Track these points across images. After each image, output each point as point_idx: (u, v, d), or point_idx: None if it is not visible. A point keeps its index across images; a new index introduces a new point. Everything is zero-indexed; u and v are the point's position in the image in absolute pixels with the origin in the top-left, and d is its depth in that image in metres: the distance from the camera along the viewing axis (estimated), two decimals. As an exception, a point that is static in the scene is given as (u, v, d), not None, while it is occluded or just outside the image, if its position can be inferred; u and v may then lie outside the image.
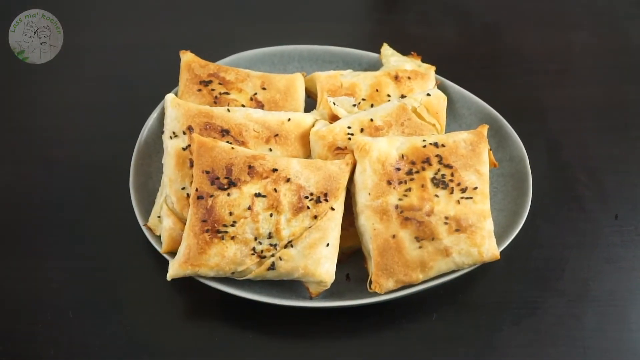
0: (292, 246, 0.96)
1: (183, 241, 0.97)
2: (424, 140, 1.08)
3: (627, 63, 1.53)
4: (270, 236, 0.96)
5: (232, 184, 0.96)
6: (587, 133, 1.36)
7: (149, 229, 1.08)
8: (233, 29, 1.59)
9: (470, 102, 1.28)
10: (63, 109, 1.40)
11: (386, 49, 1.33)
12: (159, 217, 1.08)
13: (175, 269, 0.97)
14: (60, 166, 1.27)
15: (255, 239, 0.96)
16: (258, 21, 1.63)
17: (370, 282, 1.02)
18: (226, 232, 0.95)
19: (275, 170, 0.98)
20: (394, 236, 1.01)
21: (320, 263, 0.98)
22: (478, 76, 1.50)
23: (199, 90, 1.19)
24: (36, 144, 1.33)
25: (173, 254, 1.04)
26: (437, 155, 1.05)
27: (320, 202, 0.98)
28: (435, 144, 1.07)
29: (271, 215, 0.96)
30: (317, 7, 1.67)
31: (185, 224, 1.04)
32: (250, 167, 0.97)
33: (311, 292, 1.00)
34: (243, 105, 1.17)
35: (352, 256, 1.10)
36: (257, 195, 0.96)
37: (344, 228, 1.06)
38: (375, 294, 1.01)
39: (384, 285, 1.00)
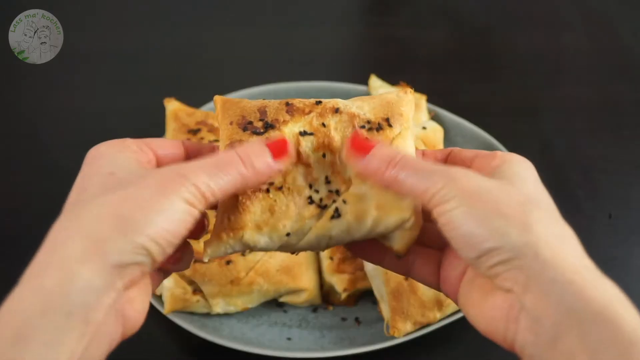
0: (357, 185, 0.71)
1: (218, 211, 0.70)
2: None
3: (620, 63, 1.55)
4: (328, 181, 0.70)
5: (269, 126, 0.71)
6: (580, 133, 1.38)
7: None
8: (233, 29, 1.60)
9: (464, 130, 1.25)
10: (63, 114, 1.40)
11: (374, 81, 1.30)
12: None
13: (214, 244, 0.68)
14: (60, 172, 1.25)
15: (310, 186, 0.70)
16: (250, 24, 1.63)
17: (387, 327, 0.99)
18: (272, 183, 0.69)
19: (319, 102, 0.73)
20: (407, 278, 0.98)
21: (397, 199, 0.69)
22: (470, 78, 1.52)
23: (188, 139, 1.16)
24: (36, 150, 1.32)
25: (176, 313, 1.01)
26: None
27: (383, 128, 0.72)
28: None
29: (324, 156, 0.70)
30: (308, 11, 1.67)
31: (186, 281, 1.01)
32: (287, 104, 0.73)
33: (397, 250, 0.69)
34: None
35: (360, 298, 1.08)
36: (303, 133, 0.71)
37: (350, 272, 1.05)
38: (392, 338, 0.98)
39: (401, 329, 0.97)
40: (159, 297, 1.03)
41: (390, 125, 0.71)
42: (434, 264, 0.70)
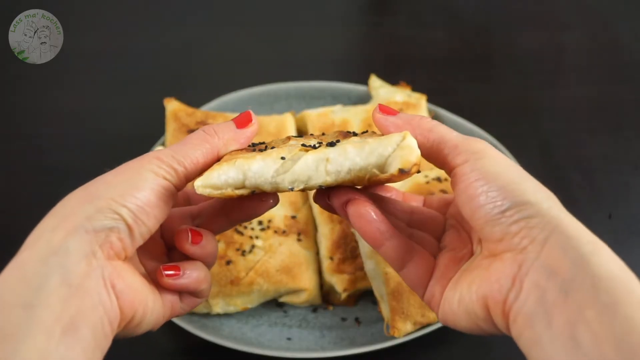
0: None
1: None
2: (425, 176, 1.07)
3: (619, 62, 1.55)
4: (319, 143, 0.69)
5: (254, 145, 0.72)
6: (579, 133, 1.38)
7: None
8: (233, 29, 1.60)
9: (464, 130, 1.25)
10: (63, 114, 1.40)
11: (374, 81, 1.30)
12: None
13: (206, 173, 0.64)
14: (58, 174, 1.26)
15: (302, 145, 0.68)
16: (251, 25, 1.63)
17: (387, 327, 0.99)
18: (264, 145, 0.71)
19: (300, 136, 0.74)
20: None
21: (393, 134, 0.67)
22: (470, 78, 1.52)
23: None
24: (33, 151, 1.32)
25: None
26: (441, 190, 1.05)
27: (367, 131, 0.72)
28: (438, 179, 1.07)
29: (314, 146, 0.67)
30: (309, 11, 1.67)
31: None
32: (283, 158, 0.67)
33: (400, 167, 0.64)
34: None
35: (360, 298, 1.08)
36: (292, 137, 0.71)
37: (350, 272, 1.06)
38: (392, 338, 0.98)
39: (402, 329, 0.97)
40: None
41: (374, 132, 0.72)
42: (429, 266, 0.71)
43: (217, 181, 0.63)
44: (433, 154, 0.67)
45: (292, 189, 0.65)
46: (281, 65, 1.51)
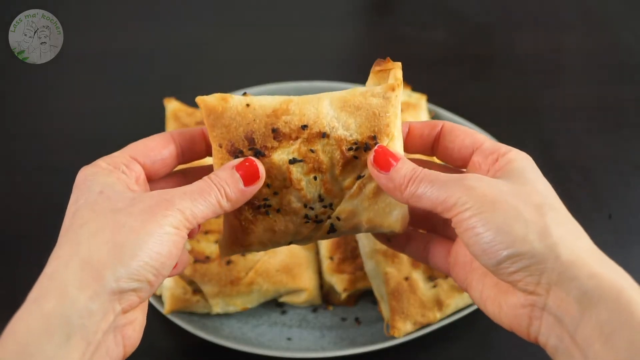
0: (348, 201, 0.76)
1: (224, 223, 0.77)
2: None
3: (619, 63, 1.55)
4: (321, 199, 0.75)
5: (258, 153, 0.74)
6: (580, 133, 1.38)
7: None
8: (233, 29, 1.60)
9: None
10: (63, 114, 1.40)
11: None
12: None
13: (226, 250, 0.77)
14: (58, 174, 1.25)
15: (305, 205, 0.76)
16: (250, 24, 1.63)
17: (387, 327, 1.00)
18: (269, 205, 0.75)
19: (304, 127, 0.74)
20: (406, 278, 0.99)
21: (386, 212, 0.76)
22: (470, 78, 1.52)
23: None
24: (36, 150, 1.32)
25: (176, 313, 1.02)
26: None
27: (370, 149, 0.74)
28: None
29: (315, 178, 0.74)
30: (309, 11, 1.67)
31: (186, 282, 1.01)
32: (274, 130, 0.74)
33: (388, 234, 0.79)
34: None
35: (359, 298, 1.08)
36: (292, 161, 0.74)
37: (350, 272, 1.06)
38: (392, 338, 0.99)
39: (402, 329, 0.97)
40: (159, 297, 1.03)
41: (376, 144, 0.73)
42: (445, 251, 0.76)
43: (234, 254, 0.81)
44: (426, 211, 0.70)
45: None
46: (281, 65, 1.51)
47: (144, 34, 1.59)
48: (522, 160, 0.69)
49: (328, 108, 0.75)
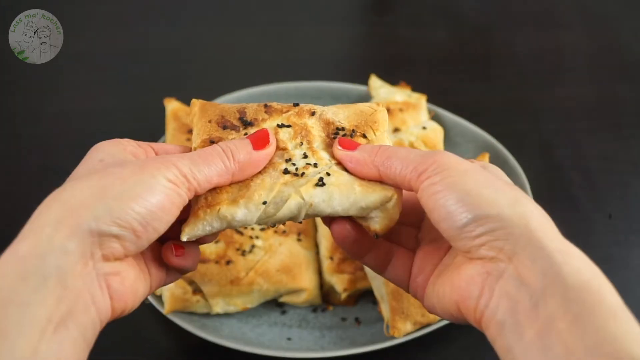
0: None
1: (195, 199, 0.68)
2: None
3: (618, 62, 1.55)
4: (305, 156, 0.70)
5: (248, 124, 0.72)
6: (579, 133, 1.38)
7: None
8: (233, 29, 1.60)
9: (465, 130, 1.25)
10: (63, 114, 1.40)
11: (374, 81, 1.29)
12: None
13: (191, 223, 0.66)
14: (58, 174, 1.25)
15: (288, 160, 0.70)
16: (250, 24, 1.63)
17: (387, 327, 0.99)
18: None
19: (296, 104, 0.75)
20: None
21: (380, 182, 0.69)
22: (470, 78, 1.52)
23: (188, 139, 1.15)
24: (36, 150, 1.32)
25: (176, 313, 1.01)
26: None
27: (355, 137, 0.73)
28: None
29: (301, 143, 0.71)
30: (309, 11, 1.67)
31: (186, 282, 1.01)
32: (266, 105, 0.74)
33: (377, 230, 0.68)
34: None
35: (360, 298, 1.08)
36: (280, 125, 0.72)
37: (350, 272, 1.05)
38: (392, 338, 0.98)
39: (402, 329, 0.97)
40: (159, 297, 1.03)
41: (363, 136, 0.73)
42: (407, 263, 0.72)
43: (202, 232, 0.66)
44: (397, 180, 0.66)
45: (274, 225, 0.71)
46: (281, 65, 1.51)
47: (144, 34, 1.59)
48: (496, 168, 0.68)
49: (320, 106, 0.77)
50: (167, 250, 0.67)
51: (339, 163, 0.70)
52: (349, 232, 0.69)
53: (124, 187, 0.58)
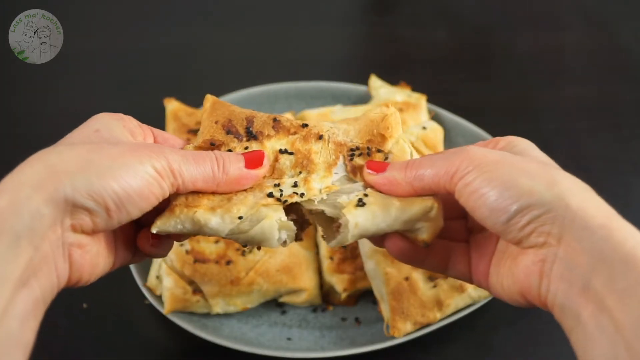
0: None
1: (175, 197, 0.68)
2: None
3: (619, 62, 1.55)
4: (295, 185, 0.71)
5: (252, 136, 0.72)
6: (580, 133, 1.38)
7: (149, 289, 1.02)
8: (233, 29, 1.60)
9: (464, 130, 1.25)
10: (61, 115, 1.39)
11: (374, 81, 1.29)
12: (157, 276, 1.02)
13: (165, 217, 0.66)
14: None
15: (276, 185, 0.70)
16: (251, 25, 1.63)
17: (387, 327, 0.99)
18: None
19: (305, 125, 0.74)
20: (407, 278, 0.99)
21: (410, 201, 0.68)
22: (470, 78, 1.52)
23: (188, 140, 1.15)
24: (33, 151, 1.30)
25: (176, 313, 1.01)
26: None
27: (371, 154, 0.72)
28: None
29: (300, 172, 0.72)
30: (309, 11, 1.67)
31: (186, 282, 1.01)
32: (275, 119, 0.74)
33: (424, 239, 0.68)
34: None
35: (360, 298, 1.08)
36: (283, 151, 0.72)
37: (350, 272, 1.05)
38: (392, 338, 0.98)
39: (402, 329, 0.97)
40: (159, 297, 1.03)
41: (379, 151, 0.73)
42: (465, 257, 0.72)
43: (173, 229, 0.66)
44: (432, 189, 0.67)
45: (245, 246, 0.71)
46: (281, 65, 1.51)
47: (144, 34, 1.59)
48: (524, 142, 0.69)
49: (329, 123, 0.76)
50: (144, 238, 0.68)
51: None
52: (403, 246, 0.69)
53: (109, 165, 0.59)
